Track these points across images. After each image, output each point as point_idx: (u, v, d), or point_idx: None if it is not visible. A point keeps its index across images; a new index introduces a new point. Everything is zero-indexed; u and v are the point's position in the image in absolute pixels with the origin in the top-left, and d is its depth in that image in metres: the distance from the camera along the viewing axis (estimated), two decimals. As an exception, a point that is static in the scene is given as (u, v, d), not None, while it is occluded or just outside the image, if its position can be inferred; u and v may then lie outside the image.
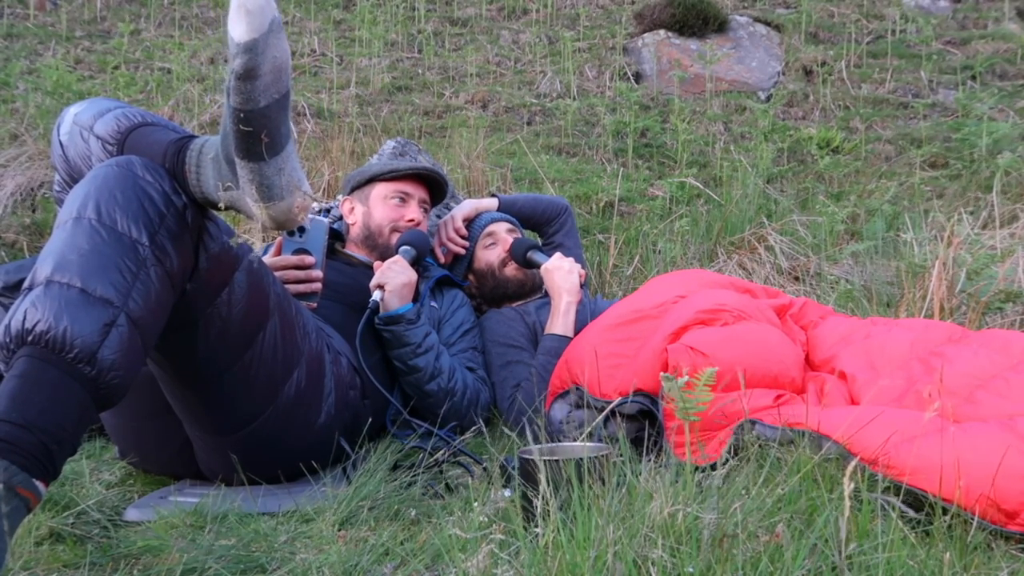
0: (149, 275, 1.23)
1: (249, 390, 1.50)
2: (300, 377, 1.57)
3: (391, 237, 2.15)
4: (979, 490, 1.19)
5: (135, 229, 1.23)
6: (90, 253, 1.18)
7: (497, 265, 2.28)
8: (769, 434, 1.42)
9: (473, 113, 4.47)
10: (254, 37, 1.14)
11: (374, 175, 2.20)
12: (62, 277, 1.15)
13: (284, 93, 1.22)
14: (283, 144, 1.25)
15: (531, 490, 1.15)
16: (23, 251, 3.04)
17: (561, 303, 2.07)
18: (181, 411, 1.55)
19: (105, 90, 4.25)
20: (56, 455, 1.08)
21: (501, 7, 6.04)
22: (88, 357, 1.11)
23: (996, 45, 5.36)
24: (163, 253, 1.25)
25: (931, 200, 3.60)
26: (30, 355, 1.10)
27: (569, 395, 1.79)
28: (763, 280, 2.99)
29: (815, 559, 0.98)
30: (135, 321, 1.18)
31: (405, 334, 1.92)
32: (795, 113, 4.80)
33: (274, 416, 1.54)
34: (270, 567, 1.19)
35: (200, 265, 1.35)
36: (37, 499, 1.06)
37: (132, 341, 1.18)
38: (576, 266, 2.13)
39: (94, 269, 1.17)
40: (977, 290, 2.39)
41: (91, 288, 1.15)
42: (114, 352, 1.14)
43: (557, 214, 2.49)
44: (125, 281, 1.19)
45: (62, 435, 1.09)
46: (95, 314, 1.14)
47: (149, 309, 1.22)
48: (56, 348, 1.10)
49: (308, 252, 1.82)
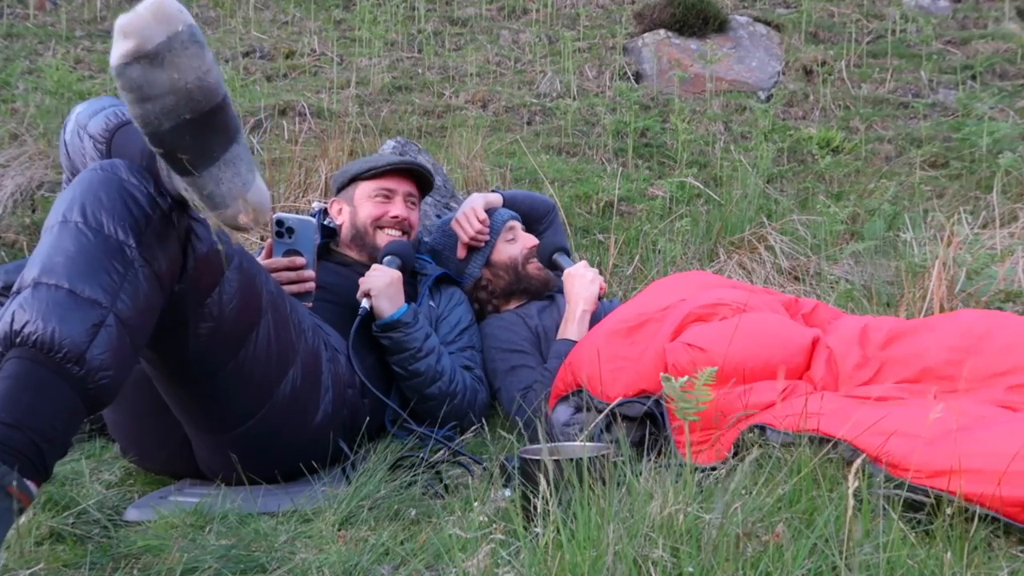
0: (137, 276, 1.22)
1: (244, 389, 1.50)
2: (296, 375, 1.57)
3: (377, 235, 2.14)
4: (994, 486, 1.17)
5: (121, 231, 1.22)
6: (77, 255, 1.18)
7: (521, 260, 2.28)
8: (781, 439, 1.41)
9: (473, 113, 4.47)
10: (125, 62, 1.10)
11: (355, 174, 2.19)
12: (49, 279, 1.15)
13: (202, 112, 1.16)
14: (214, 156, 1.20)
15: (531, 490, 1.15)
16: (23, 251, 3.04)
17: (577, 310, 2.09)
18: (176, 410, 1.55)
19: (105, 90, 4.25)
20: (47, 455, 1.08)
21: (501, 7, 6.04)
22: (77, 357, 1.11)
23: (996, 45, 5.36)
24: (150, 254, 1.25)
25: (931, 200, 3.59)
26: (19, 356, 1.10)
27: (572, 398, 1.79)
28: (763, 280, 2.99)
29: (815, 559, 0.98)
30: (124, 322, 1.18)
31: (404, 339, 1.91)
32: (795, 113, 4.80)
33: (270, 414, 1.54)
34: (270, 567, 1.19)
35: (188, 265, 1.34)
36: (29, 499, 1.05)
37: (121, 341, 1.17)
38: (599, 277, 2.14)
39: (81, 271, 1.17)
40: (977, 290, 2.39)
41: (79, 289, 1.15)
42: (103, 352, 1.14)
43: (546, 212, 2.53)
44: (113, 282, 1.18)
45: (52, 434, 1.09)
46: (83, 315, 1.14)
47: (138, 310, 1.21)
48: (45, 349, 1.10)
49: (299, 253, 1.82)
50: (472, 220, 2.27)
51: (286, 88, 4.62)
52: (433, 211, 2.84)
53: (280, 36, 5.45)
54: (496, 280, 2.29)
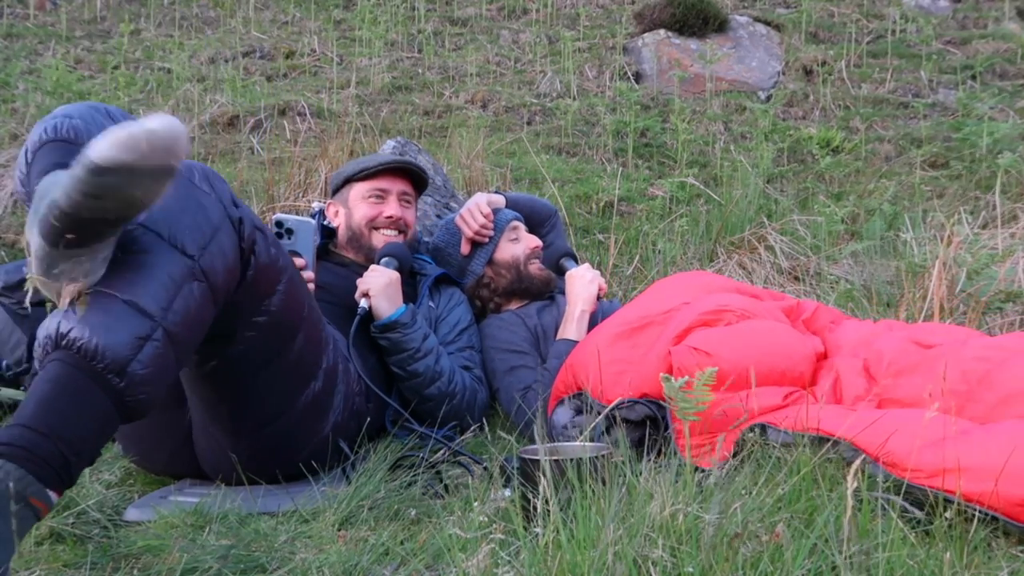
0: (192, 289, 1.19)
1: (271, 393, 1.50)
2: (316, 387, 1.57)
3: (372, 236, 2.13)
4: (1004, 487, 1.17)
5: (187, 241, 1.19)
6: (134, 262, 1.15)
7: (523, 260, 2.29)
8: (781, 439, 1.41)
9: (473, 113, 4.47)
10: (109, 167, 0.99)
11: (348, 176, 2.19)
12: (102, 285, 1.13)
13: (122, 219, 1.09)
14: (91, 244, 1.10)
15: (531, 490, 1.15)
16: (23, 251, 3.04)
17: (576, 310, 2.11)
18: (199, 405, 1.54)
19: (105, 90, 4.25)
20: (74, 466, 1.08)
21: (501, 7, 6.04)
22: (119, 369, 1.10)
23: (996, 45, 5.36)
24: (210, 267, 1.22)
25: (931, 200, 3.60)
26: (61, 359, 1.09)
27: (572, 400, 1.79)
28: (763, 280, 2.99)
29: (815, 559, 0.98)
30: (172, 336, 1.16)
31: (402, 340, 1.92)
32: (795, 113, 4.80)
33: (288, 419, 1.55)
34: (270, 567, 1.19)
35: (248, 274, 1.32)
36: (48, 509, 1.05)
37: (166, 358, 1.15)
38: (599, 278, 2.16)
39: (136, 279, 1.14)
40: (977, 290, 2.39)
41: (130, 299, 1.13)
42: (146, 367, 1.12)
43: (548, 216, 2.54)
44: (167, 294, 1.16)
45: (82, 446, 1.08)
46: (131, 326, 1.12)
47: (188, 324, 1.19)
48: (88, 356, 1.09)
49: (298, 254, 1.83)
50: (476, 215, 2.27)
51: (286, 88, 4.62)
52: (433, 211, 2.84)
53: (280, 36, 5.45)
54: (498, 279, 2.30)
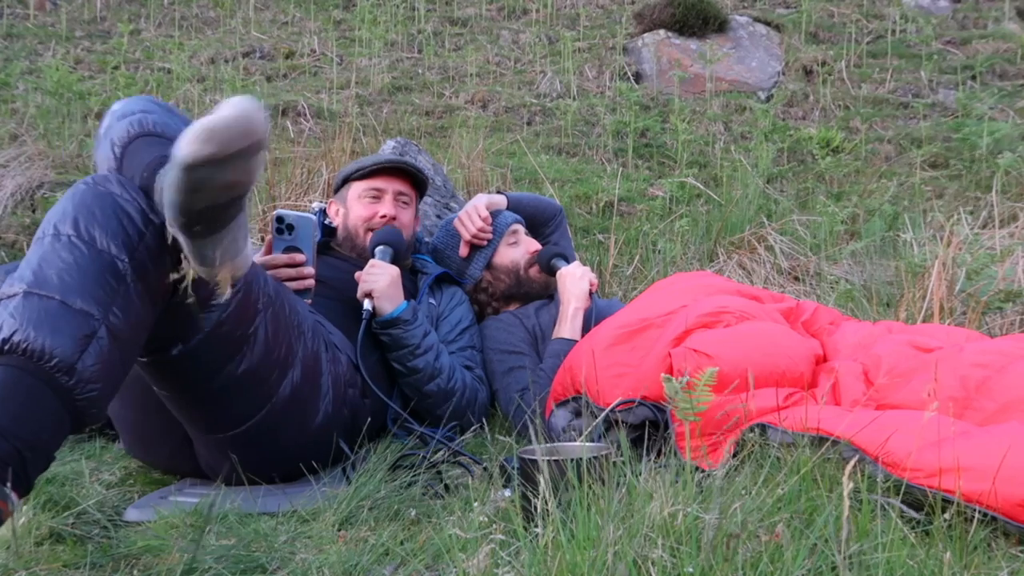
0: (129, 291, 1.21)
1: (241, 392, 1.50)
2: (295, 377, 1.56)
3: (366, 237, 2.12)
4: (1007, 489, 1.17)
5: (114, 246, 1.21)
6: (71, 267, 1.17)
7: (523, 265, 2.28)
8: (781, 439, 1.41)
9: (473, 113, 4.47)
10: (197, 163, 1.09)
11: (346, 175, 2.19)
12: (41, 290, 1.14)
13: (235, 198, 1.17)
14: (222, 226, 1.20)
15: (531, 490, 1.15)
16: (23, 251, 3.04)
17: (569, 308, 2.10)
18: (173, 410, 1.55)
19: (105, 90, 4.25)
20: (29, 464, 1.07)
21: (501, 7, 6.04)
22: (67, 367, 1.10)
23: (996, 45, 5.36)
24: (143, 270, 1.24)
25: (931, 200, 3.60)
26: (8, 364, 1.09)
27: (571, 403, 1.78)
28: (763, 280, 2.99)
29: (815, 559, 0.98)
30: (115, 335, 1.17)
31: (403, 336, 1.92)
32: (795, 113, 4.81)
33: (270, 416, 1.54)
34: (270, 567, 1.19)
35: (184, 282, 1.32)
36: (9, 509, 1.05)
37: (112, 355, 1.16)
38: (589, 274, 2.15)
39: (74, 282, 1.16)
40: (977, 290, 2.39)
41: (71, 301, 1.14)
42: (94, 364, 1.13)
43: (553, 215, 2.53)
44: (105, 296, 1.17)
45: (36, 443, 1.08)
46: (75, 326, 1.13)
47: (130, 324, 1.20)
48: (35, 357, 1.09)
49: (298, 250, 1.82)
50: (474, 218, 2.26)
51: (286, 88, 4.62)
52: (433, 211, 2.84)
53: (280, 36, 5.46)
54: (496, 283, 2.30)
